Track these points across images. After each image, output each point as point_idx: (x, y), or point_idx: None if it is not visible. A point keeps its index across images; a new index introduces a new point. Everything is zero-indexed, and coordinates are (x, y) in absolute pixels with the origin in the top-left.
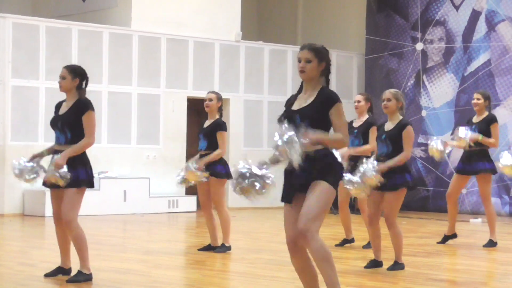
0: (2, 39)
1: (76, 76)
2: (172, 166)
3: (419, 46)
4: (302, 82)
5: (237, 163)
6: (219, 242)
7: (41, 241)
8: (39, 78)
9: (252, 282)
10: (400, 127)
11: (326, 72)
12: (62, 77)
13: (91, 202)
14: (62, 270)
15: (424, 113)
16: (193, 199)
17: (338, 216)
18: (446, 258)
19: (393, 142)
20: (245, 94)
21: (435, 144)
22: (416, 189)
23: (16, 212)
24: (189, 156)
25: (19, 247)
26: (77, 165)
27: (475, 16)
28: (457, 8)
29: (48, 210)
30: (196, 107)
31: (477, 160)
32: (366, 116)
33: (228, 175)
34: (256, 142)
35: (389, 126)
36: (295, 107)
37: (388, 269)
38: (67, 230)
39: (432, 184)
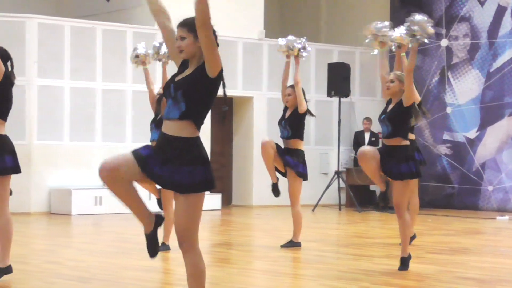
0: (27, 40)
1: None
2: None
3: (444, 42)
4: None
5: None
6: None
7: (67, 240)
8: (64, 77)
9: (275, 280)
10: (399, 104)
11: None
12: None
13: (117, 201)
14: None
15: (449, 109)
16: (217, 197)
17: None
18: (472, 256)
19: (392, 122)
20: (269, 92)
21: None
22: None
23: (43, 210)
24: (213, 154)
25: (45, 245)
26: (5, 152)
27: (500, 11)
28: (482, 3)
29: (75, 209)
30: (217, 106)
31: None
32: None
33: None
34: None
35: (390, 107)
36: (179, 77)
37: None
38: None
39: (458, 181)
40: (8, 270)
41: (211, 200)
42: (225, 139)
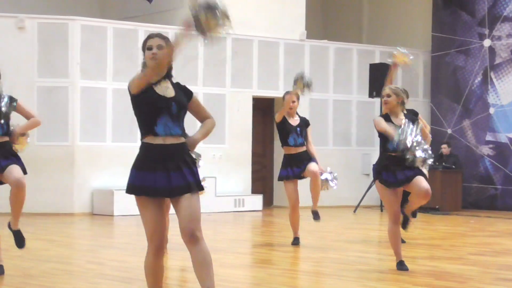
0: (71, 41)
1: None
2: (238, 165)
3: (487, 42)
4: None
5: None
6: None
7: (109, 240)
8: (106, 79)
9: (318, 281)
10: (412, 121)
11: (171, 65)
12: None
13: None
14: None
15: (492, 110)
16: (259, 198)
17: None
18: None
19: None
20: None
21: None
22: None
23: (85, 211)
24: (254, 155)
25: (88, 246)
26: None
27: None
28: None
29: (117, 209)
30: (261, 106)
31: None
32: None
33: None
34: (322, 140)
35: (399, 122)
36: (167, 94)
37: None
38: (23, 191)
39: (500, 182)
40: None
41: (253, 201)
42: (267, 140)
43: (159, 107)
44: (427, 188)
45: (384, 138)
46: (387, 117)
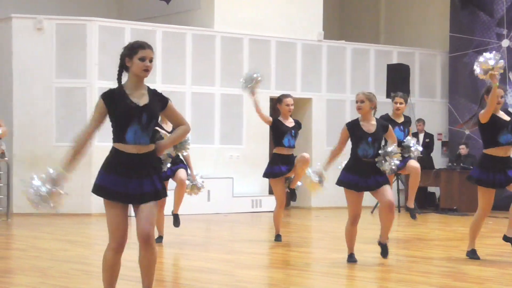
0: (89, 42)
1: None
2: (255, 166)
3: (505, 43)
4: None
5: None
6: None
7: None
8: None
9: (335, 282)
10: (383, 127)
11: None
12: None
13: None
14: None
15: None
16: None
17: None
18: None
19: (379, 144)
20: (328, 94)
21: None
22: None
23: (103, 212)
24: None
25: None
26: None
27: None
28: None
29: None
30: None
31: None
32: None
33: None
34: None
35: (369, 128)
36: (140, 102)
37: None
38: None
39: None
40: None
41: (270, 202)
42: None
43: (131, 116)
44: (391, 200)
45: (356, 144)
46: (356, 123)
